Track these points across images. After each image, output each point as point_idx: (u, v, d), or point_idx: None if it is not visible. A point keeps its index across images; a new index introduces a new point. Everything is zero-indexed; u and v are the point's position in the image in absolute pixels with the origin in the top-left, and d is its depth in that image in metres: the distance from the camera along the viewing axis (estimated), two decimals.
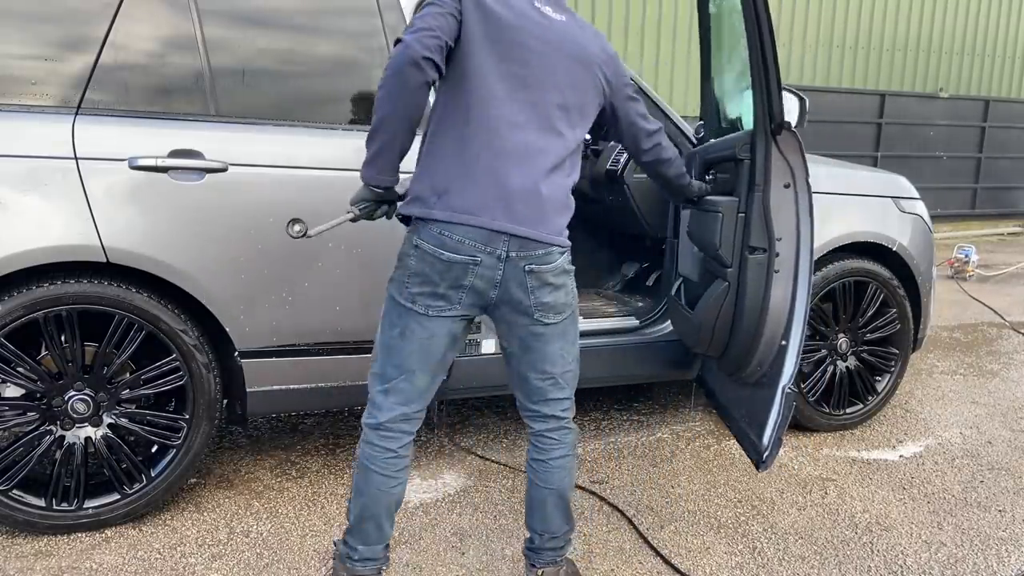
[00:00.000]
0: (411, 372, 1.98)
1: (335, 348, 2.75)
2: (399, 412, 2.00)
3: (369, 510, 2.02)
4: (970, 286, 6.84)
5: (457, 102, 1.91)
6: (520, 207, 1.91)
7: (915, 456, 3.36)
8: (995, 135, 10.14)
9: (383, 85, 1.80)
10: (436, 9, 1.85)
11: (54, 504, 2.52)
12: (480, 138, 1.90)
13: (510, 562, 2.50)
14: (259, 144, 2.58)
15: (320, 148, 2.65)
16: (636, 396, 3.98)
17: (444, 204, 1.89)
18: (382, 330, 2.01)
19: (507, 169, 1.90)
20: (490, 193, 1.89)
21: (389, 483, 2.02)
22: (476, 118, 1.90)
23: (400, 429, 2.01)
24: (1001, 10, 9.94)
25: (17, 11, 2.39)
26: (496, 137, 1.90)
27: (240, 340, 2.63)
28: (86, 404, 2.52)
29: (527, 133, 1.93)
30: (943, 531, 2.75)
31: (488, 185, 1.89)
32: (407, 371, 1.98)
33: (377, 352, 2.02)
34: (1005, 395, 4.13)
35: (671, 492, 2.99)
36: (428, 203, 1.90)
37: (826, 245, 3.40)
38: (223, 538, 2.60)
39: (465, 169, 1.89)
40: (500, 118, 1.91)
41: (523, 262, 1.92)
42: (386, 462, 2.01)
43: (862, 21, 9.17)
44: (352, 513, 2.05)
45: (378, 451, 2.00)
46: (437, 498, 2.90)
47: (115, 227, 2.41)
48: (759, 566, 2.51)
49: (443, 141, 1.92)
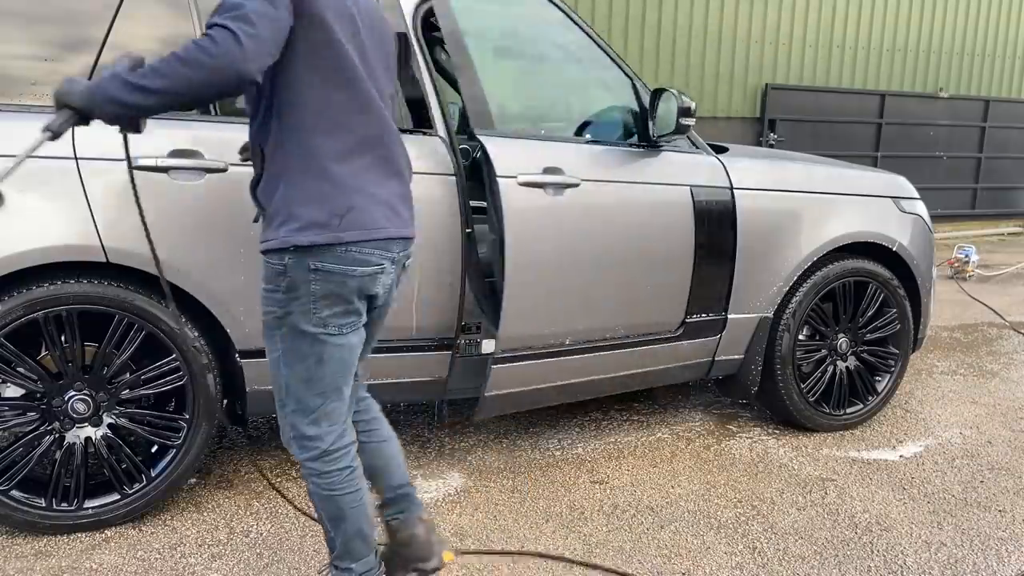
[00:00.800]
0: (338, 390, 1.92)
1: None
2: (337, 431, 1.94)
3: (353, 527, 1.98)
4: (970, 286, 6.84)
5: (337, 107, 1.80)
6: (402, 208, 1.93)
7: (915, 456, 3.36)
8: (995, 135, 10.13)
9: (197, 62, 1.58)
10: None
11: (54, 504, 2.52)
12: (369, 146, 1.85)
13: (510, 562, 2.49)
14: None
15: None
16: (636, 396, 3.98)
17: (350, 224, 1.81)
18: (289, 368, 1.88)
19: (392, 172, 1.90)
20: (386, 201, 1.88)
21: (359, 495, 1.97)
22: (361, 124, 1.84)
23: (343, 444, 1.96)
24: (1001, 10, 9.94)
25: (17, 11, 2.39)
26: (380, 145, 1.88)
27: (240, 340, 2.62)
28: (86, 404, 2.52)
29: (393, 132, 1.92)
30: (943, 531, 2.75)
31: (384, 194, 1.87)
32: (334, 390, 1.91)
33: (289, 391, 1.90)
34: (1005, 395, 4.13)
35: (671, 492, 2.99)
36: (331, 227, 1.79)
37: (826, 245, 3.40)
38: (223, 538, 2.59)
39: (361, 182, 1.83)
40: (382, 122, 1.88)
41: (403, 259, 1.98)
42: (347, 480, 1.95)
43: (862, 21, 9.16)
44: (337, 541, 1.99)
45: (335, 475, 1.94)
46: (437, 498, 2.90)
47: (115, 227, 2.41)
48: (759, 566, 2.51)
49: (328, 153, 1.80)
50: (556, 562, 2.50)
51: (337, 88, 1.79)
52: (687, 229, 3.13)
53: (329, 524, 1.99)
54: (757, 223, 3.28)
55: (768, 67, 8.75)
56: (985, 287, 6.84)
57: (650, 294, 3.11)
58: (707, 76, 8.51)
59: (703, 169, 3.21)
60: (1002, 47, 10.08)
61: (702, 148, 3.31)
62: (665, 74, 8.29)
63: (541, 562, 2.50)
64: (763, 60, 8.71)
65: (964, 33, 9.80)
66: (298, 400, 1.90)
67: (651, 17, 8.15)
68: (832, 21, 9.02)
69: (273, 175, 1.82)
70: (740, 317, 3.34)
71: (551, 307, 2.90)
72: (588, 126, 3.38)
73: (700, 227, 3.15)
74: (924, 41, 9.57)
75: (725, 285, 3.27)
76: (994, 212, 10.42)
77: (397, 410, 3.74)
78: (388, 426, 2.22)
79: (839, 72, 9.17)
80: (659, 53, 8.25)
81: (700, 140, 3.33)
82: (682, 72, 8.38)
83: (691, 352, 3.31)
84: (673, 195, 3.10)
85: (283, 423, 1.95)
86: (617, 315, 3.07)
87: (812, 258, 3.38)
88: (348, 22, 1.81)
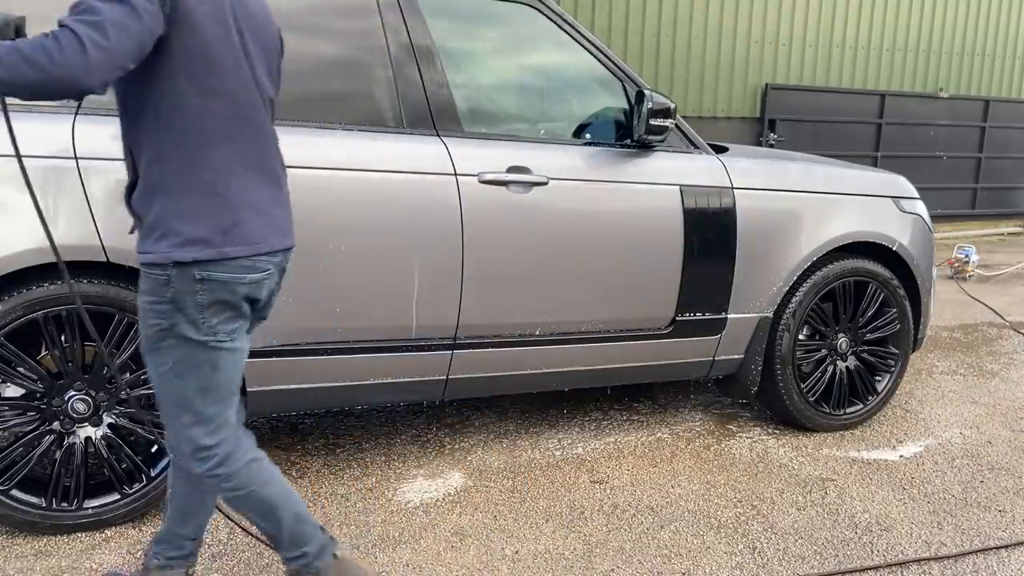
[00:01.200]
0: (232, 395, 1.89)
1: (336, 348, 2.75)
2: (232, 434, 1.91)
3: (288, 512, 1.96)
4: (970, 286, 6.84)
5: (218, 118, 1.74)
6: (283, 217, 1.90)
7: (915, 456, 3.36)
8: (995, 135, 10.13)
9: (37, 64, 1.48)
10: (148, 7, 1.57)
11: (54, 504, 2.52)
12: (251, 156, 1.81)
13: (510, 562, 2.50)
14: None
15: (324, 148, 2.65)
16: (636, 396, 3.98)
17: (235, 239, 1.76)
18: (182, 379, 1.81)
19: (271, 180, 1.87)
20: (269, 213, 1.84)
21: (278, 481, 1.96)
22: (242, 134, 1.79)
23: (240, 445, 1.92)
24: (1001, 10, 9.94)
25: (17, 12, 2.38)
26: (260, 154, 1.83)
27: None
28: (86, 404, 2.52)
29: (272, 139, 1.89)
30: (943, 531, 2.75)
31: (267, 205, 1.84)
32: (227, 397, 1.88)
33: (185, 403, 1.84)
34: (1005, 395, 4.13)
35: (671, 492, 2.99)
36: (213, 243, 1.74)
37: (826, 245, 3.41)
38: (223, 538, 2.59)
39: (246, 195, 1.79)
40: (262, 131, 1.83)
41: (285, 263, 1.96)
42: (258, 472, 1.92)
43: (862, 21, 9.16)
44: (282, 534, 1.98)
45: (243, 472, 1.90)
46: (437, 498, 2.90)
47: (116, 227, 2.41)
48: (759, 566, 2.51)
49: (210, 166, 1.74)
50: (557, 562, 2.50)
51: (216, 97, 1.72)
52: (674, 229, 3.13)
53: (264, 521, 1.96)
54: (757, 223, 3.28)
55: (768, 67, 8.75)
56: (985, 287, 6.84)
57: (631, 291, 3.13)
58: (707, 76, 8.51)
59: (700, 169, 3.22)
60: (1002, 47, 10.08)
61: (701, 148, 3.31)
62: (665, 74, 8.30)
63: (542, 562, 2.50)
64: (763, 60, 8.71)
65: (964, 33, 9.80)
66: (196, 412, 1.84)
67: (651, 17, 8.15)
68: (832, 21, 9.02)
69: (151, 186, 1.74)
70: (740, 317, 3.34)
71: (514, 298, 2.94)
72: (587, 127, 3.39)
73: (691, 227, 3.16)
74: (924, 41, 9.57)
75: (724, 285, 3.27)
76: (994, 212, 10.42)
77: (397, 410, 3.74)
78: None
79: (839, 72, 9.17)
80: (659, 53, 8.25)
81: (700, 140, 3.33)
82: (682, 72, 8.38)
83: (686, 350, 3.31)
84: (658, 195, 3.11)
85: (177, 439, 1.88)
86: (593, 310, 3.09)
87: (812, 258, 3.38)
88: (227, 26, 1.73)
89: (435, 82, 2.85)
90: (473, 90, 3.14)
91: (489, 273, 2.88)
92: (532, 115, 3.36)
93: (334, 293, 2.69)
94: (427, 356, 2.88)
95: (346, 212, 2.66)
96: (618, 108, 3.23)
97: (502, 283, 2.91)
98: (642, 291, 3.15)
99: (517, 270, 2.92)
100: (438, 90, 2.86)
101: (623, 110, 3.21)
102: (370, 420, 3.61)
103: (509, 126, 3.23)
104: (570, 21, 3.13)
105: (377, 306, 2.76)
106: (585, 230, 3.00)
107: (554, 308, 3.02)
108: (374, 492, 2.93)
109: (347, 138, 2.70)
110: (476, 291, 2.87)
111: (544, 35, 3.14)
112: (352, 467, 3.13)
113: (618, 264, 3.08)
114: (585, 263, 3.02)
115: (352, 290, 2.71)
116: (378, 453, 3.26)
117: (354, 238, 2.67)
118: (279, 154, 1.94)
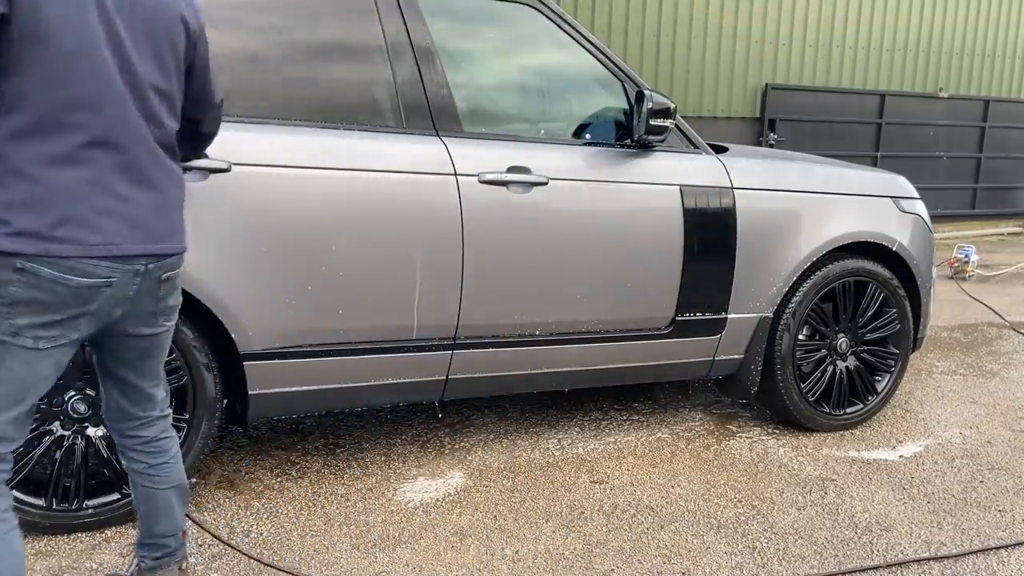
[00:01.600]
0: (21, 402, 1.69)
1: (338, 349, 2.75)
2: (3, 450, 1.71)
3: None
4: (970, 286, 6.84)
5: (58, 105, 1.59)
6: (151, 222, 1.73)
7: (915, 456, 3.36)
8: (995, 135, 10.13)
9: None
10: None
11: (54, 504, 2.52)
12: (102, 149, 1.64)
13: (510, 562, 2.50)
14: (263, 143, 2.58)
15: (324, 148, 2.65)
16: (636, 396, 3.98)
17: (64, 238, 1.60)
18: None
19: (136, 180, 1.70)
20: (121, 213, 1.67)
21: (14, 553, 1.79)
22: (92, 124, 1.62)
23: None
24: (1001, 10, 9.94)
25: None
26: (118, 149, 1.66)
27: (243, 342, 2.62)
28: (86, 404, 2.52)
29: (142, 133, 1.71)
30: (943, 531, 2.75)
31: (117, 205, 1.67)
32: (15, 403, 1.68)
33: None
34: (1005, 395, 4.13)
35: (671, 492, 2.99)
36: (41, 236, 1.58)
37: (826, 245, 3.41)
38: (223, 538, 2.59)
39: (83, 191, 1.62)
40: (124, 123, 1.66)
41: (159, 272, 1.79)
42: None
43: (862, 21, 9.16)
44: None
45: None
46: (437, 498, 2.90)
47: None
48: (759, 566, 2.51)
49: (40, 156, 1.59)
50: (557, 562, 2.50)
51: (57, 84, 1.57)
52: (674, 229, 3.14)
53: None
54: (757, 223, 3.29)
55: (768, 67, 8.75)
56: (985, 287, 6.84)
57: (631, 291, 3.13)
58: (707, 76, 8.51)
59: (699, 169, 3.22)
60: (1002, 47, 10.08)
61: (702, 148, 3.31)
62: (665, 74, 8.30)
63: (542, 562, 2.50)
64: (763, 60, 8.71)
65: (964, 33, 9.80)
66: None
67: (651, 17, 8.16)
68: (832, 21, 9.02)
69: None
70: (740, 317, 3.34)
71: (514, 298, 2.94)
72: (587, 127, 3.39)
73: (691, 227, 3.16)
74: (924, 41, 9.57)
75: (724, 285, 3.27)
76: (994, 212, 10.42)
77: (397, 410, 3.74)
78: (180, 470, 2.09)
79: (839, 72, 9.17)
80: (659, 53, 8.25)
81: (700, 140, 3.33)
82: (682, 72, 8.38)
83: (686, 350, 3.31)
84: (658, 195, 3.11)
85: None
86: (593, 310, 3.09)
87: (812, 258, 3.39)
88: (83, 9, 1.58)
89: (435, 82, 2.86)
90: (473, 90, 3.14)
91: (489, 273, 2.88)
92: (532, 115, 3.36)
93: (336, 294, 2.69)
94: (427, 356, 2.88)
95: (346, 213, 2.66)
96: (618, 108, 3.24)
97: (502, 283, 2.91)
98: (642, 291, 3.15)
99: (517, 270, 2.92)
100: (438, 90, 2.86)
101: (623, 110, 3.21)
102: (370, 420, 3.61)
103: (509, 126, 3.24)
104: (570, 21, 3.13)
105: (379, 307, 2.76)
106: (585, 230, 3.00)
107: (554, 308, 3.02)
108: (374, 492, 2.93)
109: (347, 138, 2.70)
110: (476, 291, 2.87)
111: (544, 35, 3.15)
112: (352, 467, 3.13)
113: (618, 264, 3.08)
114: (585, 263, 3.02)
115: (354, 291, 2.71)
116: (378, 453, 3.26)
117: (355, 239, 2.67)
118: (158, 154, 1.76)
